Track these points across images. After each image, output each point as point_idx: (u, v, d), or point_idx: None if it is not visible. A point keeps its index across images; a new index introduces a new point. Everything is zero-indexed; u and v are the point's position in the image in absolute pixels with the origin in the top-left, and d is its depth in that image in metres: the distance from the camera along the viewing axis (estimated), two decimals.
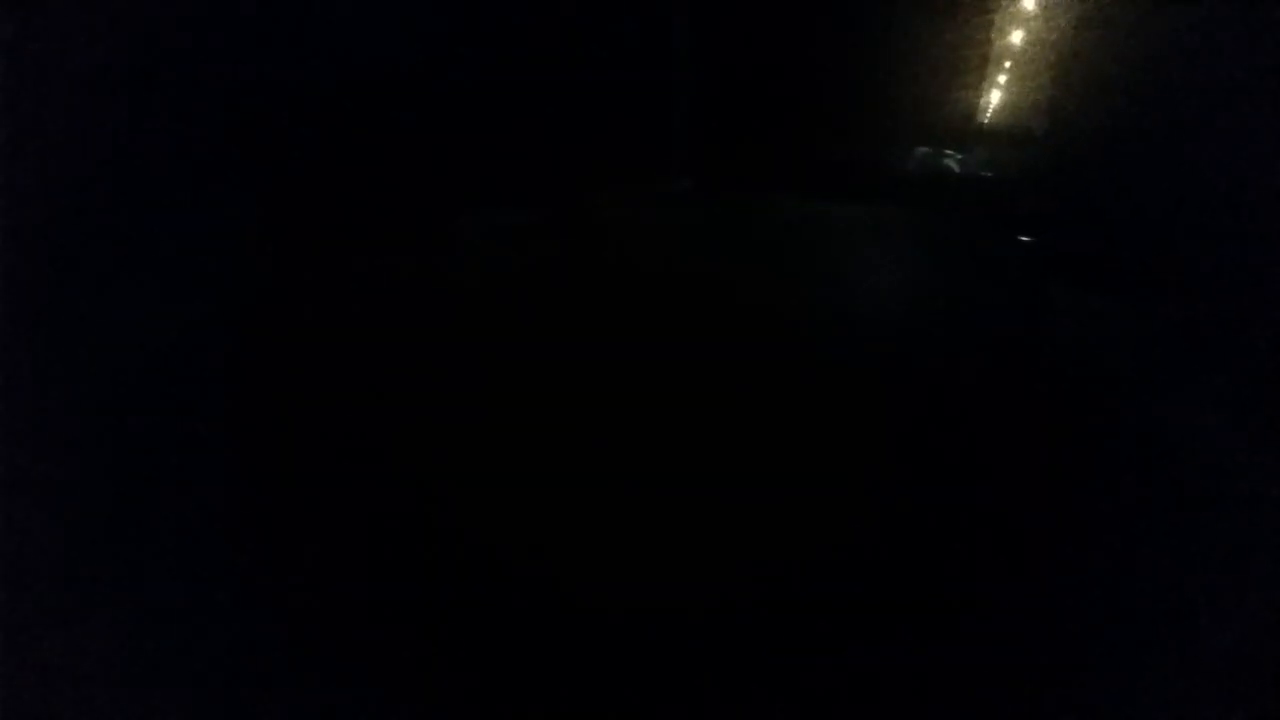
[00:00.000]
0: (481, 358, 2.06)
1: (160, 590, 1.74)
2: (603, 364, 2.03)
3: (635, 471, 1.86)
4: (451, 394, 2.00)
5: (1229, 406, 1.87)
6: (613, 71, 2.35)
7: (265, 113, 2.07)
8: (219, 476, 1.88)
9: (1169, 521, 1.78)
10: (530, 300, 2.18)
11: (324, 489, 1.87)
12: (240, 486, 1.87)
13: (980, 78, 2.19)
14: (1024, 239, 2.28)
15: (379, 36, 2.16)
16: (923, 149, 2.41)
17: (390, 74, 2.16)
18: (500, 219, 2.32)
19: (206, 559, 1.78)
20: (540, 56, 2.28)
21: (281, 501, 1.85)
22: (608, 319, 2.12)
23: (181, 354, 1.99)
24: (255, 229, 2.08)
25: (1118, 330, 2.13)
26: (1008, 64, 2.19)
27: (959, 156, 2.38)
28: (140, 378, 1.94)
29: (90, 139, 1.90)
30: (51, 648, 1.66)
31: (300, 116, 2.10)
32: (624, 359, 2.04)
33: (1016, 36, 2.14)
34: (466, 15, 2.24)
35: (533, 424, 1.95)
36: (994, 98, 2.26)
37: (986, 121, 2.30)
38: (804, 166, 2.42)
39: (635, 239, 2.34)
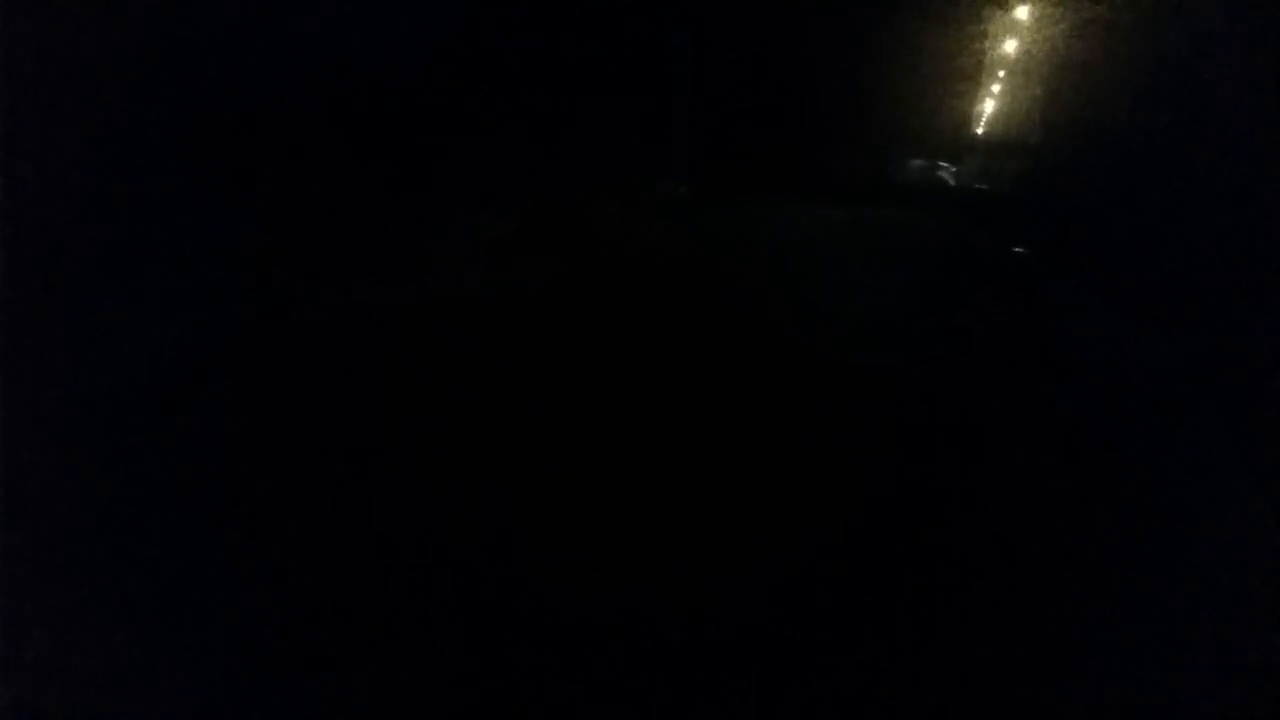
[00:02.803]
0: (479, 362, 2.07)
1: (160, 591, 1.75)
2: (602, 368, 2.04)
3: (634, 475, 1.87)
4: (449, 398, 2.01)
5: (1229, 410, 1.88)
6: (611, 76, 2.36)
7: (255, 115, 2.08)
8: (218, 478, 1.89)
9: (1168, 523, 1.79)
10: (527, 306, 2.19)
11: (324, 489, 1.88)
12: (239, 488, 1.88)
13: (975, 86, 2.21)
14: (1018, 249, 2.29)
15: (375, 39, 2.17)
16: (918, 159, 2.42)
17: (386, 78, 2.17)
18: (499, 226, 2.33)
19: (206, 560, 1.79)
20: (538, 61, 2.29)
21: (280, 503, 1.86)
22: (604, 324, 2.13)
23: (179, 354, 2.00)
24: (249, 231, 2.08)
25: (1114, 337, 2.14)
26: (1001, 73, 2.21)
27: (953, 168, 2.40)
28: (139, 378, 1.95)
29: (89, 140, 1.91)
30: (52, 647, 1.67)
31: (297, 114, 2.11)
32: (622, 364, 2.05)
33: (1010, 46, 2.15)
34: (465, 19, 2.24)
35: (532, 430, 1.96)
36: (988, 107, 2.28)
37: (981, 130, 2.31)
38: (800, 173, 2.43)
39: (632, 244, 2.35)
